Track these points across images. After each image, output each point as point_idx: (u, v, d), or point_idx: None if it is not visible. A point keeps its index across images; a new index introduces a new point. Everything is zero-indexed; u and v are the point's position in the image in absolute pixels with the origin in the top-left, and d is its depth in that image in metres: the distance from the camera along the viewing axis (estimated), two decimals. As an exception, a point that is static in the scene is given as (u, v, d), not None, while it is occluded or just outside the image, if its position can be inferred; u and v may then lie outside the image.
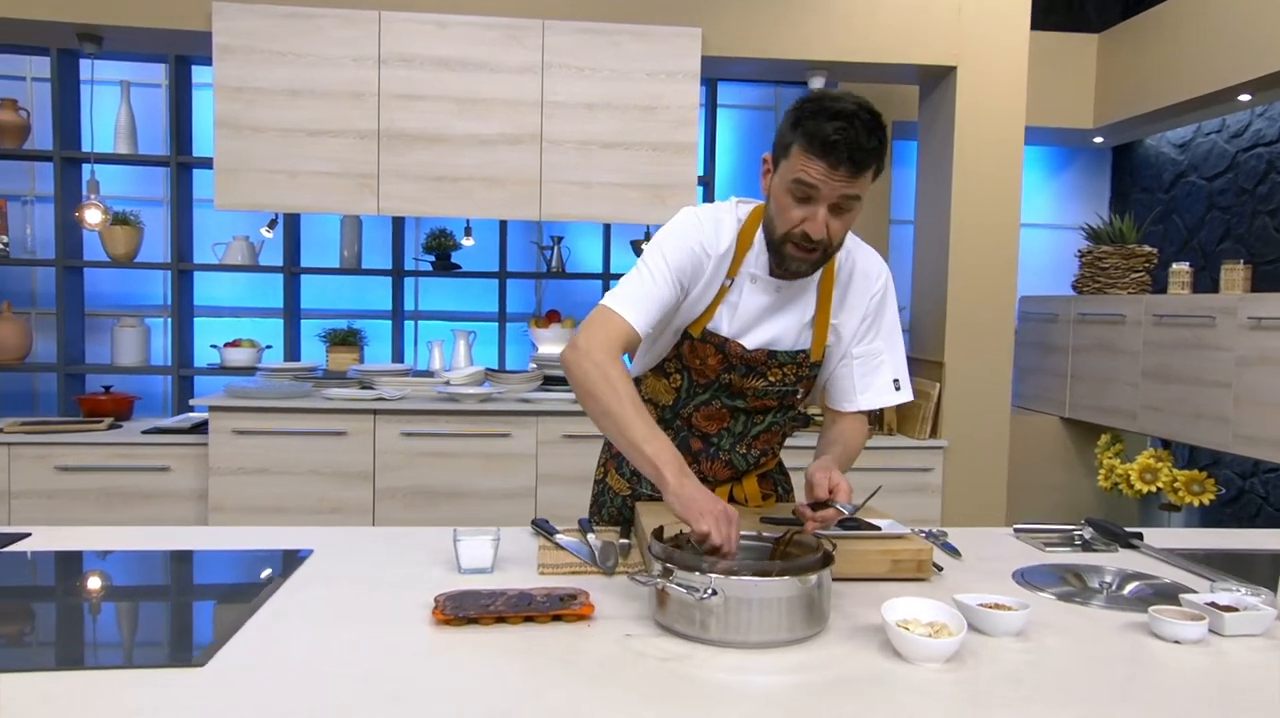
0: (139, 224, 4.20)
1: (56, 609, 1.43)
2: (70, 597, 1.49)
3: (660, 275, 1.65)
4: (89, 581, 1.58)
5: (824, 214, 1.55)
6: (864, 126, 1.50)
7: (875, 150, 1.52)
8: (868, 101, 1.55)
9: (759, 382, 1.75)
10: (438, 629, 1.31)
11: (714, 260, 1.69)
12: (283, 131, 3.48)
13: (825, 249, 1.61)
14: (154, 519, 3.44)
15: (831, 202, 1.55)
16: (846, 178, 1.52)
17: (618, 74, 3.59)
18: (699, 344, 1.73)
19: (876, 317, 1.78)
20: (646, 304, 1.64)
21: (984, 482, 3.85)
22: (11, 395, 4.40)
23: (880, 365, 1.80)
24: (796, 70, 3.89)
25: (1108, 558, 1.80)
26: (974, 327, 3.82)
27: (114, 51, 4.11)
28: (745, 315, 1.71)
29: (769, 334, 1.73)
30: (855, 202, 1.57)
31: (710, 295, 1.71)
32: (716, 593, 1.27)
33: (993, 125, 3.77)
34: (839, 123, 1.50)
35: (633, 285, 1.66)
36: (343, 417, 3.46)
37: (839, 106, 1.51)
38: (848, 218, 1.59)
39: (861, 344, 1.78)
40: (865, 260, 1.77)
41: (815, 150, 1.51)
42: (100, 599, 1.49)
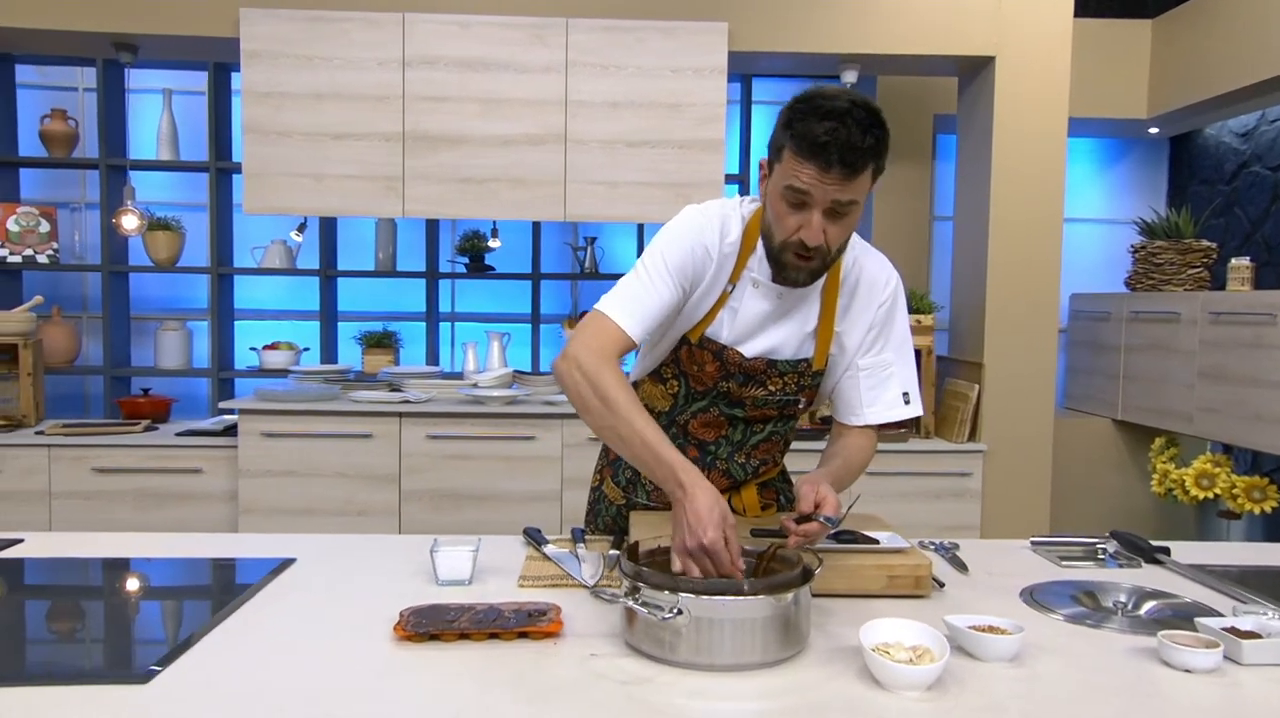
0: (180, 229, 4.27)
1: (3, 621, 1.41)
2: (23, 608, 1.47)
3: (658, 276, 1.58)
4: (50, 591, 1.55)
5: (819, 220, 1.47)
6: (858, 125, 1.41)
7: (871, 150, 1.43)
8: (865, 97, 1.46)
9: (758, 391, 1.68)
10: (398, 646, 1.28)
11: (717, 260, 1.61)
12: (309, 135, 3.50)
13: (824, 257, 1.52)
14: (186, 521, 3.49)
15: (826, 207, 1.47)
16: (840, 181, 1.43)
17: (643, 71, 3.54)
18: (696, 350, 1.67)
19: (884, 327, 1.69)
20: (641, 307, 1.56)
21: (1026, 487, 3.70)
22: (63, 398, 4.52)
23: (889, 378, 1.70)
24: (828, 64, 3.79)
25: (1128, 575, 1.69)
26: (1015, 326, 3.68)
27: (153, 60, 4.20)
28: (745, 322, 1.64)
29: (769, 342, 1.65)
30: (853, 206, 1.48)
31: (712, 298, 1.64)
32: (682, 613, 1.21)
33: (1034, 117, 3.62)
34: (830, 123, 1.41)
35: (628, 287, 1.59)
36: (369, 419, 3.47)
37: (830, 105, 1.42)
38: (847, 222, 1.50)
39: (868, 355, 1.69)
40: (873, 268, 1.68)
41: (805, 153, 1.43)
42: (56, 611, 1.46)
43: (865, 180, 1.47)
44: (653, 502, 1.84)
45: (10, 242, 4.16)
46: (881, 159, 1.47)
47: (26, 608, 1.47)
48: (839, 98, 1.44)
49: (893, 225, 4.43)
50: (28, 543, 1.75)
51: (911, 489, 3.61)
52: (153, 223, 4.18)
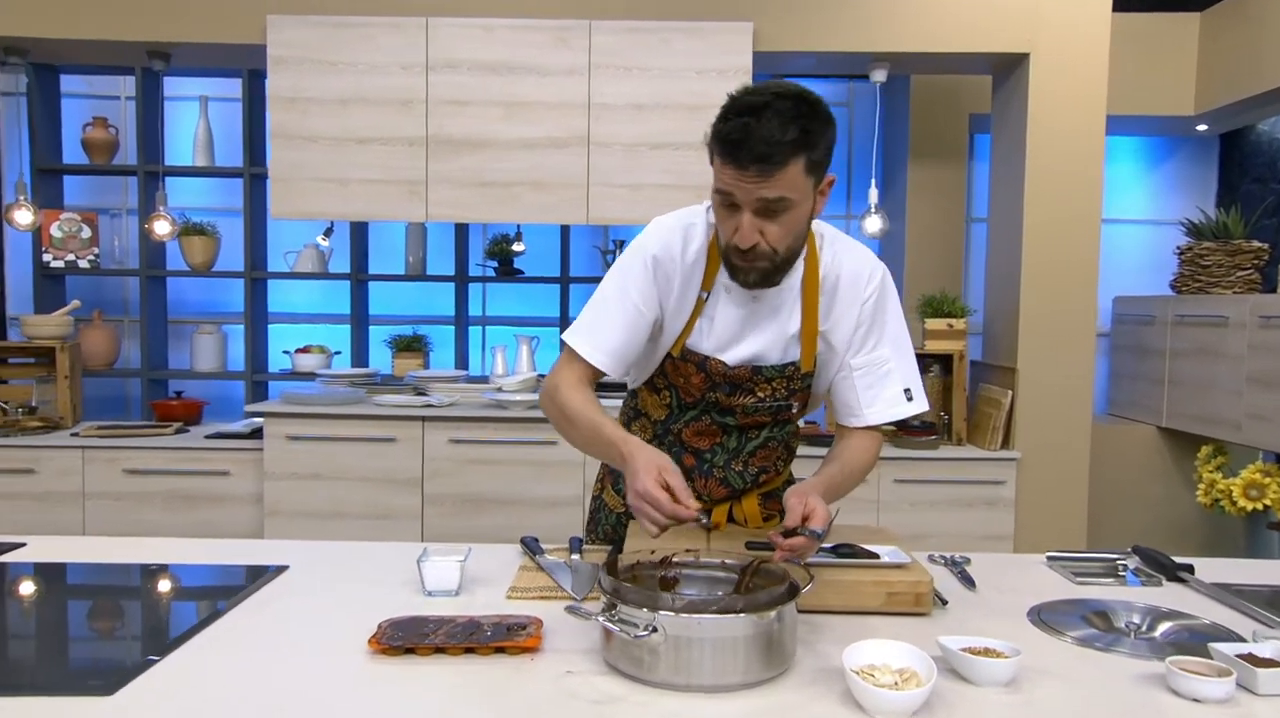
0: (215, 234, 4.33)
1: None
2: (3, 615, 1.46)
3: (615, 298, 1.58)
4: (29, 598, 1.54)
5: (748, 221, 1.42)
6: (777, 118, 1.35)
7: (795, 143, 1.37)
8: (794, 87, 1.41)
9: (747, 398, 1.64)
10: (371, 659, 1.25)
11: (682, 271, 1.58)
12: (334, 140, 3.53)
13: (770, 257, 1.47)
14: (214, 522, 3.54)
15: (754, 207, 1.41)
16: (759, 178, 1.38)
17: (666, 73, 3.50)
18: (680, 363, 1.63)
19: (874, 323, 1.62)
20: (603, 333, 1.58)
21: (1062, 497, 3.59)
22: (105, 399, 4.62)
23: (887, 375, 1.63)
24: (858, 63, 3.72)
25: (1147, 594, 1.60)
26: (1050, 330, 3.56)
27: (187, 68, 4.27)
28: (723, 329, 1.60)
29: (752, 349, 1.60)
30: (786, 203, 1.41)
31: (687, 308, 1.61)
32: (657, 631, 1.17)
33: (1070, 115, 3.51)
34: (742, 119, 1.37)
35: (588, 313, 1.62)
36: (392, 423, 3.48)
37: (748, 100, 1.39)
38: (786, 219, 1.44)
39: (861, 354, 1.62)
40: (854, 264, 1.61)
41: (721, 153, 1.40)
42: (30, 618, 1.45)
43: (793, 176, 1.40)
44: (651, 510, 1.80)
45: (54, 247, 4.26)
46: (814, 150, 1.40)
47: (11, 616, 1.47)
48: (762, 92, 1.40)
49: (927, 227, 4.33)
50: (29, 547, 1.76)
51: (942, 498, 3.52)
52: (188, 228, 4.25)
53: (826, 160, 1.45)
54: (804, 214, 1.46)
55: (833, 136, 1.45)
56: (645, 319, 1.59)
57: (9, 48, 3.70)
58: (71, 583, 1.61)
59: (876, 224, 3.73)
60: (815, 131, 1.39)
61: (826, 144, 1.43)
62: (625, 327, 1.58)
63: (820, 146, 1.41)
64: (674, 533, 1.66)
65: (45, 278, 4.26)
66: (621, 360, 1.61)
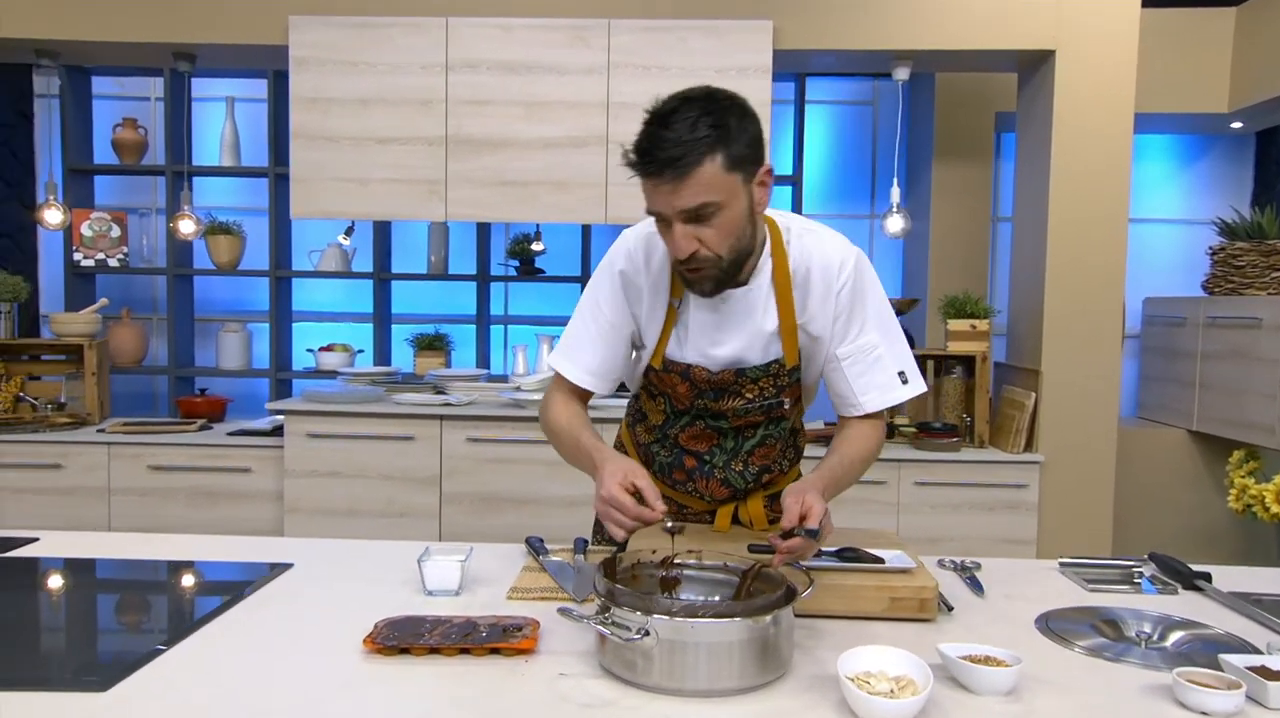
0: (240, 233, 4.38)
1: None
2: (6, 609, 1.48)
3: (590, 315, 1.63)
4: (32, 593, 1.55)
5: (680, 230, 1.39)
6: (685, 121, 1.34)
7: (706, 141, 1.33)
8: (705, 89, 1.40)
9: (736, 401, 1.62)
10: (365, 659, 1.25)
11: (649, 279, 1.58)
12: (354, 140, 3.55)
13: (715, 264, 1.44)
14: (235, 519, 3.57)
15: (679, 217, 1.38)
16: (674, 184, 1.35)
17: (686, 72, 3.48)
18: (664, 374, 1.63)
19: (853, 311, 1.58)
20: (582, 353, 1.63)
21: (1087, 501, 3.52)
22: (133, 396, 4.69)
23: (877, 361, 1.60)
24: (880, 62, 3.67)
25: (1162, 602, 1.57)
26: (1074, 332, 3.50)
27: (214, 69, 4.32)
28: (698, 335, 1.59)
29: (731, 353, 1.59)
30: (712, 207, 1.38)
31: (659, 318, 1.61)
32: (649, 634, 1.15)
33: (1097, 113, 3.45)
34: (645, 129, 1.37)
35: (568, 335, 1.67)
36: (411, 422, 3.49)
37: (655, 109, 1.38)
38: (719, 222, 1.40)
39: (846, 344, 1.59)
40: (824, 254, 1.57)
41: (634, 165, 1.38)
42: (31, 613, 1.46)
43: (710, 176, 1.35)
44: (655, 513, 1.79)
45: (84, 246, 4.33)
46: (731, 145, 1.36)
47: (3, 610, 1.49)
48: (673, 99, 1.38)
49: (952, 226, 4.28)
50: (42, 542, 1.78)
51: (963, 501, 3.48)
52: (214, 227, 4.30)
53: (754, 153, 1.40)
54: (738, 214, 1.42)
55: (755, 129, 1.41)
56: (621, 334, 1.63)
57: (40, 50, 3.76)
58: (74, 579, 1.62)
59: (898, 224, 3.69)
60: (729, 127, 1.36)
61: (748, 137, 1.39)
62: (602, 344, 1.62)
63: (739, 140, 1.37)
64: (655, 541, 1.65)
65: (76, 276, 4.33)
66: (605, 376, 1.65)
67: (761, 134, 1.43)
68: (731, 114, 1.37)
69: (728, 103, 1.39)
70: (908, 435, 3.67)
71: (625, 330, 1.63)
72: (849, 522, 3.37)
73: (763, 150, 1.44)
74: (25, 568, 1.64)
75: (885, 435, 1.68)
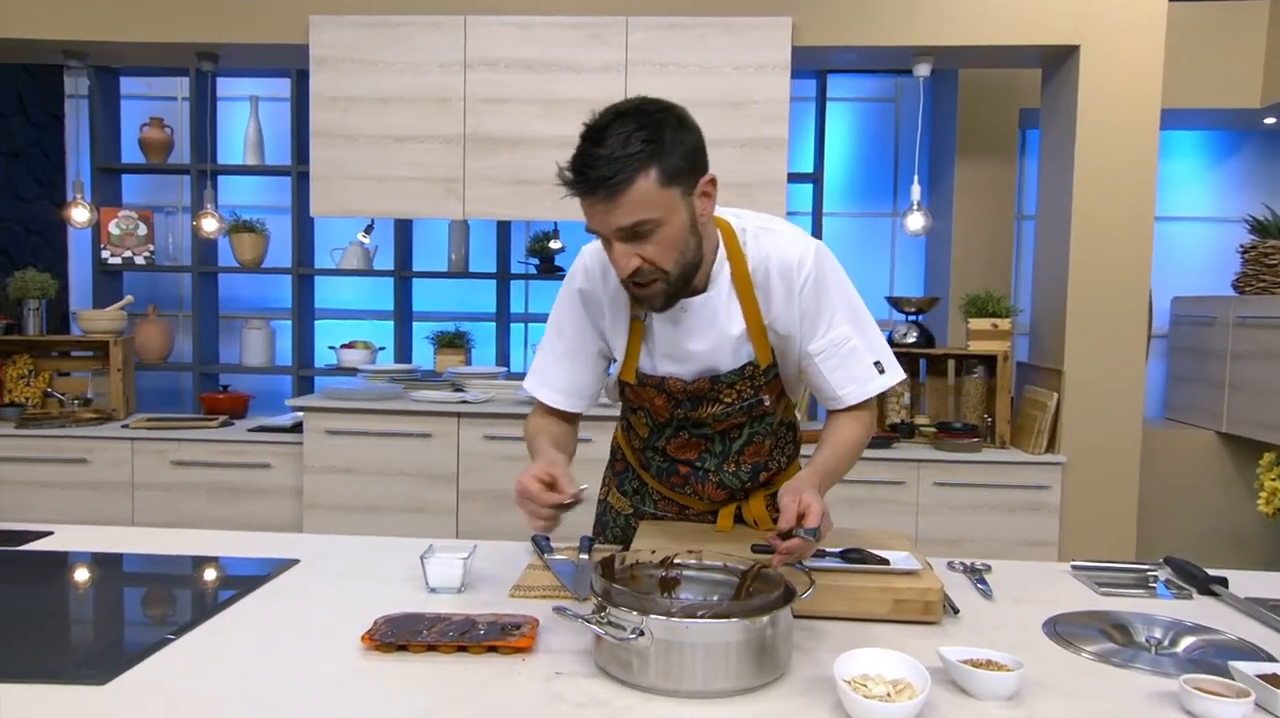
0: (264, 231, 4.42)
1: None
2: (7, 602, 1.49)
3: (555, 336, 1.65)
4: (39, 586, 1.57)
5: (620, 249, 1.38)
6: (617, 135, 1.30)
7: (637, 156, 1.30)
8: (638, 101, 1.37)
9: (714, 408, 1.61)
10: (363, 656, 1.26)
11: (608, 294, 1.58)
12: (373, 139, 3.57)
13: (663, 278, 1.41)
14: (255, 514, 3.60)
15: (617, 236, 1.36)
16: (607, 203, 1.32)
17: (703, 69, 3.47)
18: (639, 389, 1.63)
19: (819, 307, 1.54)
20: (553, 374, 1.66)
21: (1110, 503, 3.47)
22: (159, 392, 4.75)
23: (852, 353, 1.56)
24: (901, 58, 3.63)
25: (1176, 607, 1.53)
26: (1098, 331, 3.44)
27: (239, 68, 4.36)
28: (665, 347, 1.58)
29: (702, 361, 1.57)
30: (650, 224, 1.35)
31: (622, 334, 1.60)
32: (644, 634, 1.15)
33: (1122, 109, 3.39)
34: (579, 147, 1.34)
35: (538, 356, 1.69)
36: (428, 419, 3.51)
37: (588, 125, 1.35)
38: (660, 238, 1.37)
39: (816, 340, 1.55)
40: (782, 253, 1.53)
41: (569, 184, 1.35)
42: (37, 605, 1.47)
43: (645, 192, 1.32)
44: (659, 511, 1.79)
45: (112, 244, 4.39)
46: (666, 159, 1.32)
47: (11, 602, 1.51)
48: (605, 114, 1.35)
49: (975, 224, 4.23)
50: (56, 536, 1.81)
51: (984, 502, 3.44)
52: (238, 225, 4.34)
53: (691, 164, 1.37)
54: (678, 228, 1.38)
55: (692, 139, 1.37)
56: (588, 352, 1.64)
57: (68, 51, 3.82)
58: (81, 574, 1.63)
59: (919, 221, 3.65)
60: (663, 140, 1.32)
61: (684, 149, 1.35)
62: (570, 364, 1.64)
63: (674, 154, 1.33)
64: (676, 534, 1.64)
65: (103, 274, 4.39)
66: (579, 395, 1.66)
67: (701, 144, 1.40)
68: (666, 126, 1.34)
69: (662, 115, 1.35)
70: (928, 435, 3.63)
71: (592, 348, 1.64)
72: (864, 522, 3.36)
73: (702, 160, 1.40)
74: (37, 561, 1.66)
75: (875, 418, 1.66)
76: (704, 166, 1.41)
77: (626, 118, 1.33)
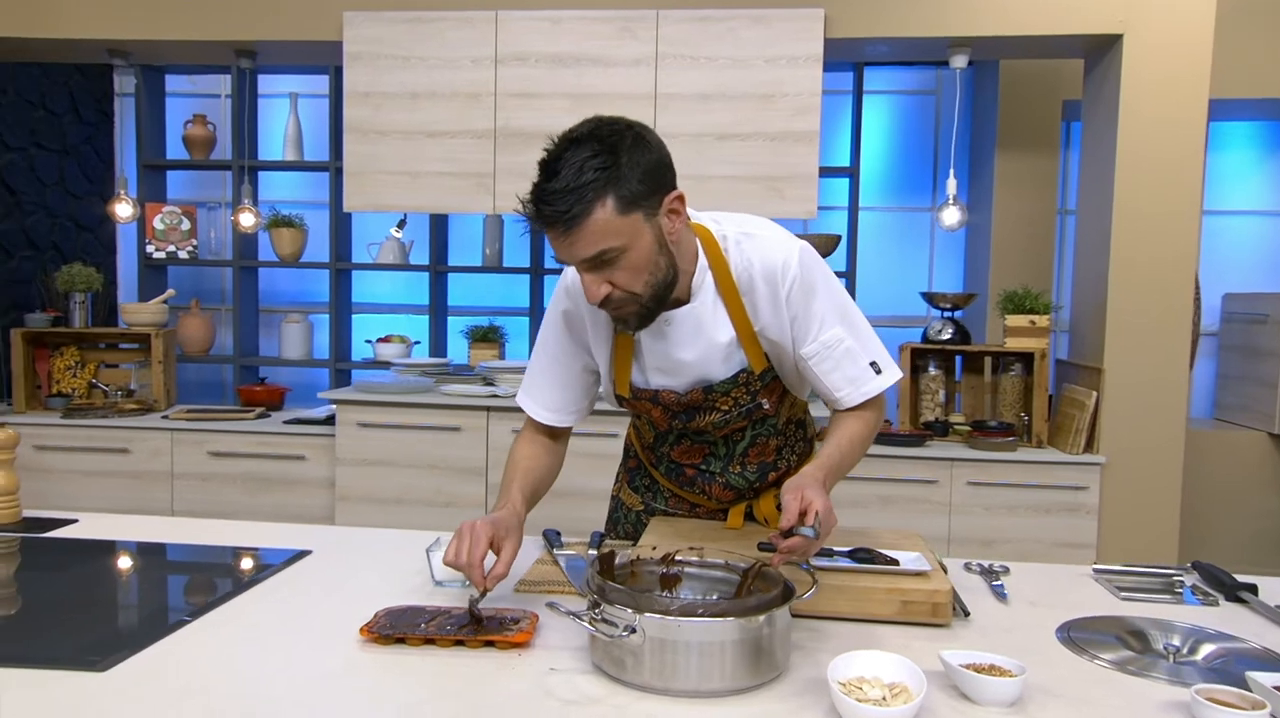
0: (303, 226, 4.48)
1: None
2: (15, 588, 1.52)
3: (540, 352, 1.65)
4: (50, 573, 1.59)
5: (590, 279, 1.36)
6: (570, 167, 1.26)
7: (591, 185, 1.26)
8: (590, 125, 1.32)
9: (711, 416, 1.59)
10: (361, 648, 1.26)
11: (590, 313, 1.55)
12: (405, 134, 3.59)
13: (636, 300, 1.39)
14: (289, 505, 3.66)
15: (583, 267, 1.34)
16: (567, 235, 1.29)
17: (734, 62, 3.44)
18: (634, 402, 1.61)
19: (808, 311, 1.49)
20: (541, 391, 1.65)
21: (1152, 506, 3.37)
22: (202, 384, 4.84)
23: (847, 353, 1.51)
24: (937, 49, 3.57)
25: (1201, 614, 1.48)
26: (1140, 328, 3.35)
27: (279, 66, 4.42)
28: (654, 360, 1.55)
29: (693, 373, 1.55)
30: (616, 252, 1.32)
31: (608, 347, 1.58)
32: (635, 632, 1.13)
33: (1168, 100, 3.29)
34: (540, 179, 1.30)
35: (528, 372, 1.68)
36: (458, 413, 3.53)
37: (545, 154, 1.32)
38: (626, 263, 1.34)
39: (808, 344, 1.51)
40: (766, 258, 1.48)
41: (528, 220, 1.33)
42: (44, 592, 1.50)
43: (604, 222, 1.28)
44: (670, 508, 1.77)
45: (156, 239, 4.48)
46: (622, 185, 1.28)
47: (27, 587, 1.54)
48: (562, 141, 1.31)
49: (1016, 219, 4.14)
50: (80, 524, 1.85)
51: (1019, 502, 3.36)
52: (276, 220, 4.41)
53: (650, 186, 1.32)
54: (645, 251, 1.35)
55: (652, 157, 1.32)
56: (573, 369, 1.63)
57: (112, 50, 3.90)
58: (93, 562, 1.65)
59: (954, 216, 3.58)
60: (618, 165, 1.28)
61: (641, 171, 1.30)
62: (557, 381, 1.63)
63: (631, 178, 1.29)
64: (686, 531, 1.63)
65: (148, 268, 4.49)
66: (568, 410, 1.66)
67: (664, 160, 1.35)
68: (621, 149, 1.29)
69: (615, 138, 1.30)
70: (962, 434, 3.57)
71: (576, 365, 1.63)
72: (894, 520, 3.31)
73: (666, 177, 1.35)
74: (55, 548, 1.69)
75: (882, 414, 1.61)
76: (669, 184, 1.36)
77: (580, 145, 1.29)
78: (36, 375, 4.03)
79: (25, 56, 4.06)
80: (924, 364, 3.71)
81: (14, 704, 1.07)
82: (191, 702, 1.10)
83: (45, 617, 1.37)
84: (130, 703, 1.09)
